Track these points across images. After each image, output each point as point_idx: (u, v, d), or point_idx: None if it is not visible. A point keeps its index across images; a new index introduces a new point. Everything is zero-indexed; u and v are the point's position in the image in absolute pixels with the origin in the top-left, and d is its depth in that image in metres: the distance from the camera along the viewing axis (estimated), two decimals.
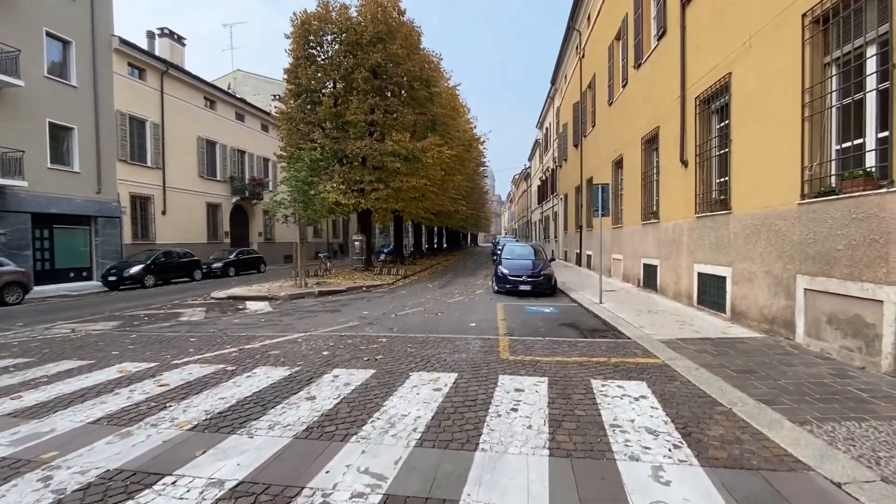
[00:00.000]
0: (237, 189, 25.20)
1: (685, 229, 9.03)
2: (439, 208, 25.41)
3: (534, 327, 7.33)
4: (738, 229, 7.01)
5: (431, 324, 7.75)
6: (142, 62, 19.62)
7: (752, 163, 6.65)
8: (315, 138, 16.95)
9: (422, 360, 5.32)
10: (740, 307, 6.96)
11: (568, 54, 24.03)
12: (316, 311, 9.58)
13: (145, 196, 19.88)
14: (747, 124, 6.81)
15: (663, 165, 10.29)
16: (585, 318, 8.16)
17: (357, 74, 16.76)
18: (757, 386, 4.15)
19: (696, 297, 8.53)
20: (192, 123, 22.51)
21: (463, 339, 6.41)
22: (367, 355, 5.62)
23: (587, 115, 19.28)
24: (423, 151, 17.04)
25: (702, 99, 8.31)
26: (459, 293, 12.18)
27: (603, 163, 16.23)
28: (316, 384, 4.53)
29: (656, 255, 10.73)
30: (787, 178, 5.78)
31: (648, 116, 11.12)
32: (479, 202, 51.20)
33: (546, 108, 34.49)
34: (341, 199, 16.69)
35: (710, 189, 8.22)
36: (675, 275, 9.53)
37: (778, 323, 5.98)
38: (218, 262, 19.49)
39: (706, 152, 8.28)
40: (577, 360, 5.27)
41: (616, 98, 14.35)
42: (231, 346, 6.40)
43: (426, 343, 6.23)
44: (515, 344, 6.09)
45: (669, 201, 9.95)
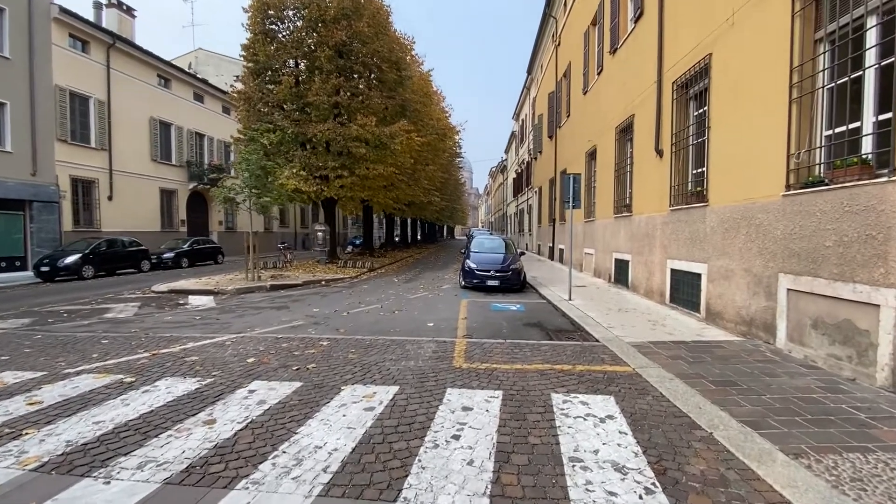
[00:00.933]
0: (195, 175, 23.66)
1: (658, 223, 8.54)
2: (411, 199, 24.56)
3: (496, 328, 6.68)
4: (715, 223, 6.52)
5: (385, 323, 7.01)
6: (85, 33, 17.94)
7: (732, 151, 6.13)
8: (274, 120, 15.82)
9: (361, 370, 4.58)
10: (716, 307, 6.48)
11: (544, 43, 23.44)
12: (261, 308, 8.70)
13: (88, 179, 18.30)
14: (728, 110, 6.28)
15: (637, 156, 9.79)
16: (552, 318, 7.58)
17: (320, 53, 15.72)
18: (739, 402, 3.59)
19: (668, 295, 8.07)
20: (144, 102, 20.89)
21: (415, 343, 5.70)
22: (298, 363, 4.84)
23: (562, 105, 18.75)
24: (391, 137, 16.14)
25: (679, 83, 7.77)
26: (424, 288, 11.46)
27: (577, 154, 15.73)
28: (223, 403, 3.74)
29: (628, 250, 10.26)
30: (770, 167, 5.26)
31: (623, 104, 10.59)
32: (454, 194, 50.45)
33: (522, 98, 33.93)
34: (301, 187, 15.65)
35: (685, 180, 7.72)
36: (648, 271, 9.07)
37: (757, 325, 5.51)
38: (170, 252, 18.16)
39: (682, 141, 7.77)
40: (538, 367, 4.64)
41: (591, 86, 13.81)
42: (146, 350, 5.51)
43: (372, 348, 5.49)
44: (473, 348, 5.42)
45: (643, 193, 9.45)
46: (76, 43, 17.77)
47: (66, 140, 17.12)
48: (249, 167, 12.11)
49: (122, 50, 19.47)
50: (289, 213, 36.11)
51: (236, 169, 12.69)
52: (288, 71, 16.05)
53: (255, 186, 12.34)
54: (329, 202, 17.81)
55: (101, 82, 18.66)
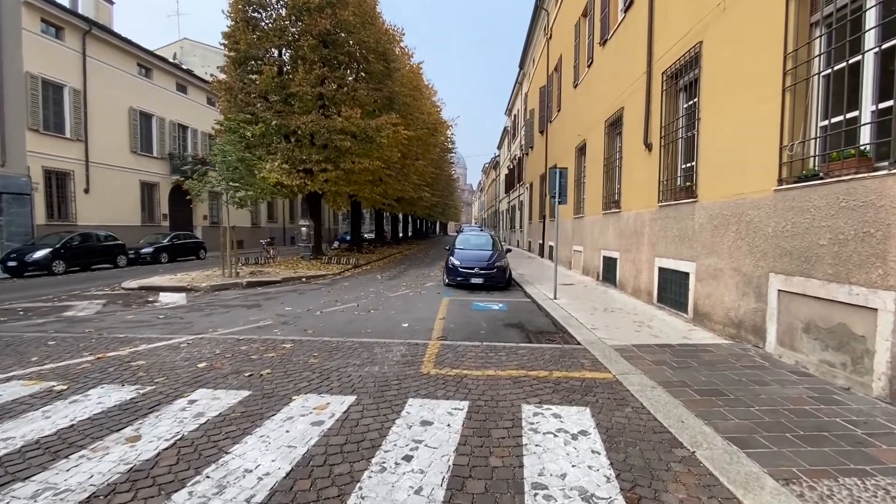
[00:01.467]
0: (177, 167, 23.01)
1: (647, 220, 8.24)
2: (400, 194, 24.12)
3: (474, 328, 6.34)
4: (704, 220, 6.21)
5: (358, 324, 6.64)
6: (58, 19, 17.27)
7: (723, 144, 5.82)
8: (256, 111, 15.33)
9: (319, 377, 4.22)
10: (704, 308, 6.18)
11: (536, 36, 23.05)
12: (232, 306, 8.28)
13: (63, 171, 17.68)
14: (718, 100, 5.96)
15: (626, 150, 9.47)
16: (535, 318, 7.25)
17: (304, 42, 15.22)
18: (726, 415, 3.28)
19: (656, 295, 7.77)
20: (123, 92, 20.24)
21: (385, 346, 5.34)
22: (253, 369, 4.46)
23: (553, 100, 18.41)
24: (377, 130, 15.71)
25: (669, 74, 7.45)
26: (407, 286, 11.10)
27: (566, 149, 15.41)
28: (156, 415, 3.36)
29: (616, 248, 9.96)
30: (762, 160, 4.95)
31: (613, 97, 10.26)
32: (446, 190, 50.03)
33: (514, 93, 33.54)
34: (284, 180, 15.18)
35: (674, 175, 7.41)
36: (635, 269, 8.77)
37: (746, 328, 5.21)
38: (148, 247, 17.62)
39: (672, 134, 7.45)
40: (512, 374, 4.30)
41: (581, 79, 13.46)
42: (92, 352, 5.10)
43: (338, 351, 5.12)
44: (445, 352, 5.07)
45: (631, 189, 9.14)
46: (49, 28, 17.10)
47: (38, 130, 16.49)
48: (226, 159, 11.63)
49: (98, 37, 18.80)
50: (277, 208, 35.54)
51: (211, 161, 12.18)
52: (270, 60, 15.52)
53: (231, 179, 11.87)
54: (313, 197, 17.34)
55: (77, 70, 18.01)
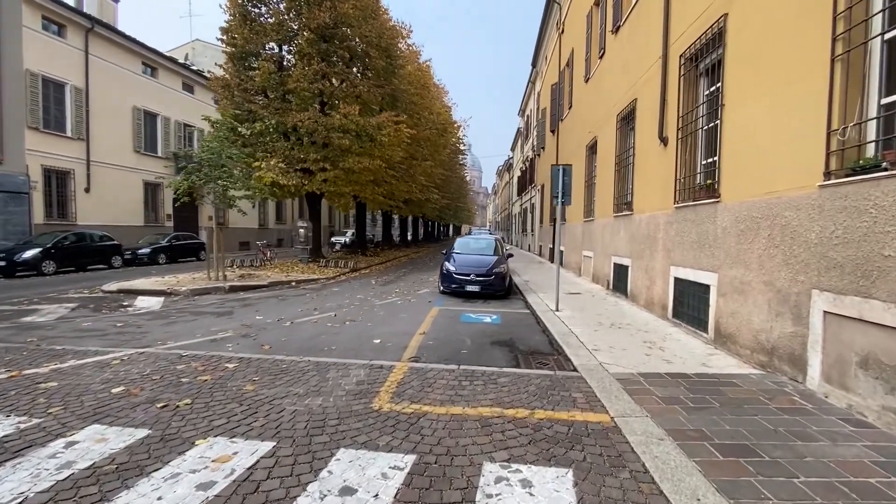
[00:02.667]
0: (182, 167, 22.75)
1: (661, 223, 7.29)
2: (406, 196, 23.42)
3: (456, 346, 5.50)
4: (727, 223, 5.26)
5: (325, 338, 5.86)
6: (60, 16, 17.09)
7: (751, 134, 4.87)
8: (253, 109, 14.79)
9: (244, 412, 3.44)
10: (728, 327, 5.22)
11: (548, 32, 22.12)
12: (202, 314, 7.61)
13: (63, 170, 17.47)
14: (745, 82, 5.02)
15: (639, 146, 8.52)
16: (530, 334, 6.37)
17: (302, 36, 14.67)
18: (760, 491, 2.38)
19: (671, 309, 6.81)
20: (127, 91, 20.04)
21: (343, 368, 4.55)
22: (172, 397, 3.71)
23: (564, 97, 17.46)
24: (378, 128, 15.02)
25: (687, 56, 6.51)
26: (399, 292, 10.31)
27: (577, 148, 14.46)
28: (15, 463, 2.62)
29: (628, 254, 9.00)
30: (802, 150, 4.01)
31: (625, 88, 9.32)
32: (458, 192, 49.27)
33: (527, 93, 32.61)
34: (280, 180, 14.58)
35: (693, 172, 6.46)
36: (648, 278, 7.81)
37: (780, 356, 4.25)
38: (146, 247, 17.24)
39: (690, 125, 6.51)
40: (483, 412, 3.46)
41: (593, 72, 12.53)
42: (10, 368, 4.43)
43: (284, 374, 4.34)
44: (411, 378, 4.24)
45: (645, 189, 8.20)
46: (51, 26, 16.93)
47: (37, 128, 16.28)
48: (212, 156, 11.06)
49: (102, 35, 18.61)
50: (286, 209, 35.24)
51: (197, 157, 11.63)
52: (267, 55, 14.99)
53: (219, 178, 11.28)
54: (313, 197, 16.75)
55: (79, 69, 17.81)
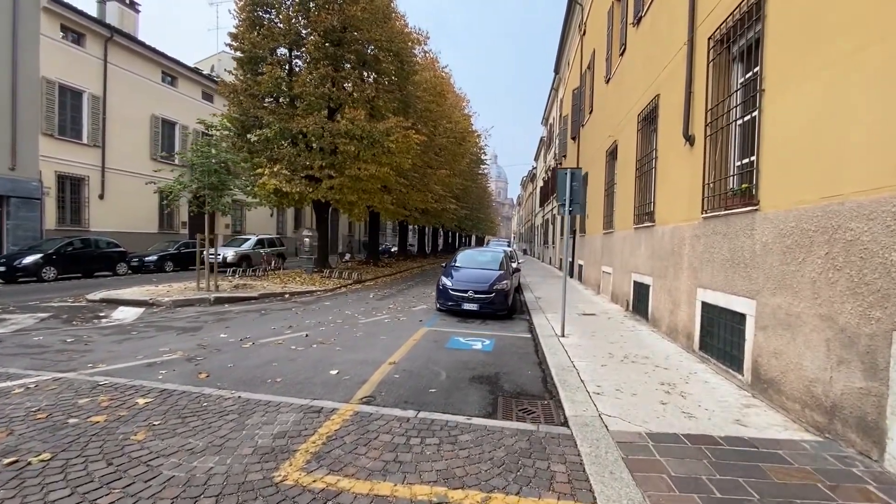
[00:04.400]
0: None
1: (687, 236, 6.16)
2: (421, 205, 22.67)
3: (426, 382, 4.54)
4: (769, 237, 4.16)
5: (278, 365, 5.02)
6: (79, 25, 17.31)
7: (801, 123, 3.79)
8: (259, 114, 14.40)
9: (102, 478, 2.60)
10: (770, 371, 4.08)
11: (570, 36, 21.15)
12: (166, 329, 6.94)
13: (78, 177, 17.55)
14: (793, 58, 3.95)
15: (662, 147, 7.43)
16: (522, 366, 5.34)
17: (308, 40, 14.25)
18: None
19: (697, 339, 5.66)
20: (145, 100, 20.18)
21: (272, 410, 3.68)
22: (34, 448, 2.92)
23: (585, 101, 16.40)
24: (386, 134, 14.34)
25: (717, 38, 5.45)
26: (392, 309, 9.43)
27: (597, 154, 13.38)
28: None
29: (649, 272, 7.86)
30: (880, 136, 2.93)
31: (647, 84, 8.26)
32: (479, 203, 48.33)
33: (550, 101, 31.59)
34: (284, 188, 14.08)
35: (724, 175, 5.35)
36: (671, 301, 6.66)
37: (845, 420, 3.12)
38: (154, 255, 17.04)
39: (721, 119, 5.42)
40: (419, 493, 2.50)
41: (614, 71, 11.48)
42: None
43: (195, 417, 3.50)
44: (347, 431, 3.32)
45: (668, 196, 7.09)
46: (70, 35, 17.15)
47: (52, 135, 16.40)
48: (205, 161, 10.58)
49: (121, 44, 18.81)
50: (305, 216, 35.08)
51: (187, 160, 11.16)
52: (273, 60, 14.60)
53: (210, 185, 10.79)
54: (320, 205, 16.17)
55: (97, 77, 17.98)
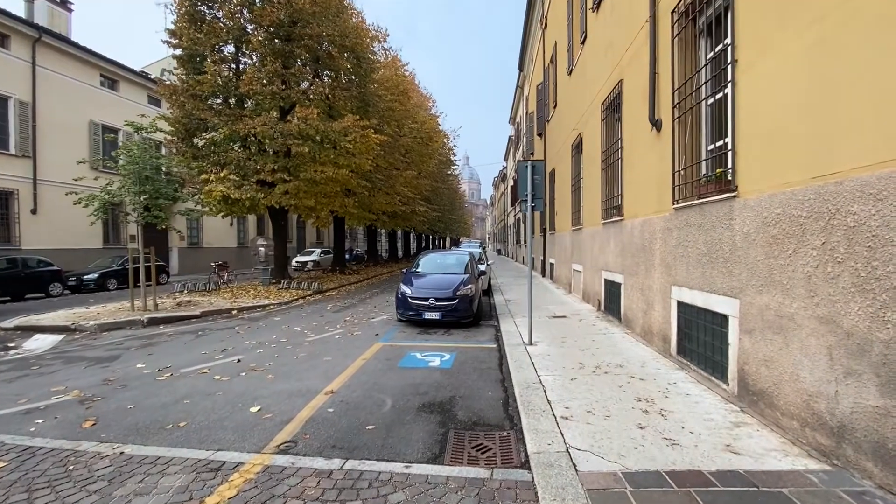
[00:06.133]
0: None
1: (658, 229, 5.65)
2: (387, 208, 21.87)
3: (366, 415, 3.81)
4: (750, 227, 3.63)
5: (189, 403, 4.19)
6: (2, 25, 15.80)
7: (783, 94, 3.27)
8: (204, 117, 13.34)
9: None
10: (759, 381, 3.54)
11: (532, 31, 20.79)
12: (75, 361, 5.96)
13: (5, 191, 15.97)
14: (771, 20, 3.44)
15: (627, 136, 6.94)
16: (482, 386, 4.67)
17: (254, 36, 13.32)
18: None
19: (674, 343, 5.14)
20: (82, 105, 18.70)
21: (156, 472, 2.88)
22: None
23: (549, 96, 16.00)
24: (342, 134, 13.52)
25: (681, 10, 4.95)
26: (349, 321, 8.64)
27: (563, 149, 12.95)
28: None
29: (620, 269, 7.35)
30: (886, 98, 2.40)
31: (609, 69, 7.79)
32: (451, 204, 47.80)
33: (517, 99, 31.30)
34: (232, 194, 13.07)
35: (696, 160, 4.85)
36: (644, 301, 6.15)
37: (858, 445, 2.56)
38: (93, 272, 15.64)
39: (689, 99, 4.91)
40: None
41: (576, 62, 11.03)
42: None
43: (46, 489, 2.68)
44: (243, 500, 2.57)
45: (636, 187, 6.58)
46: None
47: None
48: (134, 166, 9.55)
49: (51, 46, 17.31)
50: (267, 225, 33.63)
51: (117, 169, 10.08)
52: (217, 57, 13.59)
53: (142, 192, 9.76)
54: (275, 212, 15.17)
55: (25, 81, 16.46)
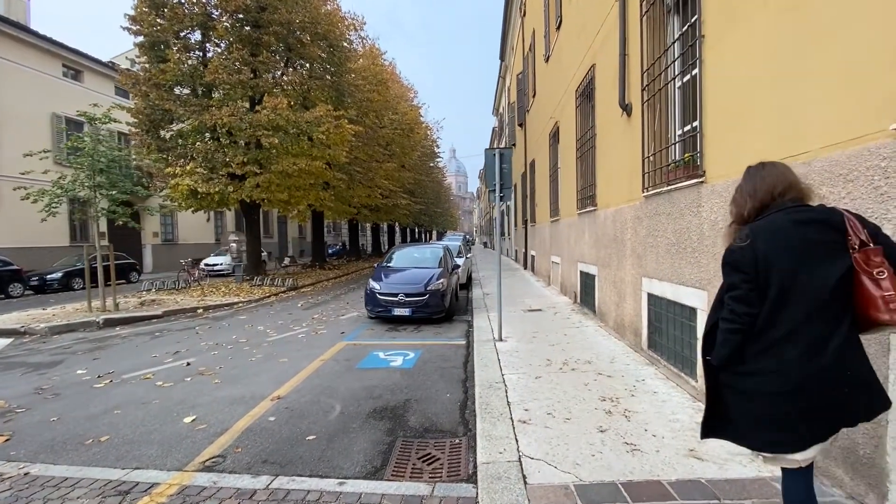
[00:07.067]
0: None
1: (629, 219, 5.42)
2: (367, 201, 21.44)
3: (310, 423, 3.52)
4: (719, 214, 3.40)
5: (122, 413, 3.85)
6: None
7: (750, 68, 3.03)
8: (168, 107, 12.76)
9: None
10: None
11: (512, 19, 20.43)
12: (21, 365, 5.57)
13: None
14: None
15: (600, 122, 6.69)
16: (442, 387, 4.40)
17: (219, 22, 12.76)
18: None
19: (645, 336, 4.93)
20: (42, 96, 17.86)
21: (57, 496, 2.56)
22: None
23: (528, 85, 15.72)
24: (315, 125, 13.06)
25: None
26: (316, 319, 8.31)
27: (541, 138, 12.70)
28: None
29: (594, 260, 7.14)
30: (852, 70, 2.16)
31: (582, 54, 7.52)
32: (436, 197, 47.41)
33: (499, 89, 30.96)
34: (200, 188, 12.56)
35: (666, 144, 4.61)
36: (617, 293, 5.94)
37: (833, 454, 2.36)
38: (57, 272, 14.98)
39: (658, 80, 4.67)
40: None
41: (553, 48, 10.75)
42: None
43: None
44: None
45: (609, 176, 6.35)
46: None
47: None
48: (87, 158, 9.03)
49: (7, 34, 16.46)
50: (272, 220, 32.89)
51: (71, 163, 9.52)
52: (180, 44, 13.00)
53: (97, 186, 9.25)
54: (247, 206, 14.65)
55: None
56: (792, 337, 1.48)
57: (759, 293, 1.52)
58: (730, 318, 1.57)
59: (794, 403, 1.49)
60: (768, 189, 1.60)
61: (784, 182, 1.60)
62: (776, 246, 1.51)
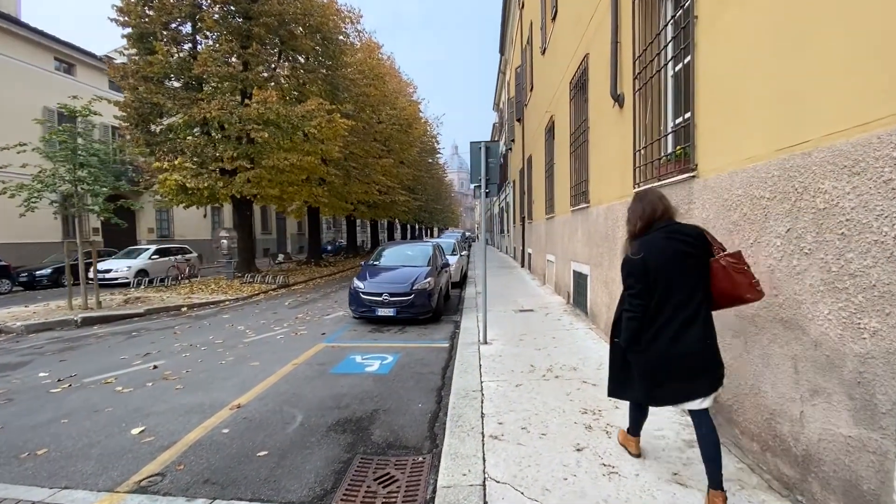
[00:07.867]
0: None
1: (621, 216, 5.11)
2: (364, 197, 21.15)
3: (262, 439, 3.25)
4: (711, 212, 3.11)
5: (69, 422, 3.60)
6: None
7: (746, 51, 2.72)
8: (157, 101, 12.51)
9: None
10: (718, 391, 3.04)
11: (511, 12, 20.05)
12: None
13: None
14: None
15: (593, 114, 6.39)
16: (413, 398, 4.12)
17: (208, 13, 12.47)
18: None
19: None
20: (34, 91, 17.60)
21: None
22: None
23: (526, 79, 15.37)
24: (306, 118, 12.78)
25: None
26: (299, 319, 8.06)
27: (537, 133, 12.38)
28: None
29: (586, 259, 6.86)
30: (859, 50, 1.86)
31: (576, 44, 7.20)
32: (436, 194, 47.07)
33: (499, 84, 30.56)
34: (189, 184, 12.32)
35: (658, 136, 4.31)
36: (608, 294, 5.66)
37: (825, 481, 2.07)
38: (47, 268, 14.79)
39: (650, 68, 4.36)
40: None
41: (549, 39, 10.42)
42: None
43: None
44: None
45: (601, 171, 6.06)
46: None
47: None
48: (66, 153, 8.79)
49: None
50: (271, 216, 32.66)
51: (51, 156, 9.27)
52: (168, 36, 12.73)
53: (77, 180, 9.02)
54: (239, 202, 14.40)
55: None
56: (668, 324, 2.11)
57: (649, 291, 2.14)
58: (630, 309, 2.22)
59: (665, 371, 2.17)
60: (651, 212, 2.24)
61: (661, 206, 2.24)
62: (657, 257, 2.13)
